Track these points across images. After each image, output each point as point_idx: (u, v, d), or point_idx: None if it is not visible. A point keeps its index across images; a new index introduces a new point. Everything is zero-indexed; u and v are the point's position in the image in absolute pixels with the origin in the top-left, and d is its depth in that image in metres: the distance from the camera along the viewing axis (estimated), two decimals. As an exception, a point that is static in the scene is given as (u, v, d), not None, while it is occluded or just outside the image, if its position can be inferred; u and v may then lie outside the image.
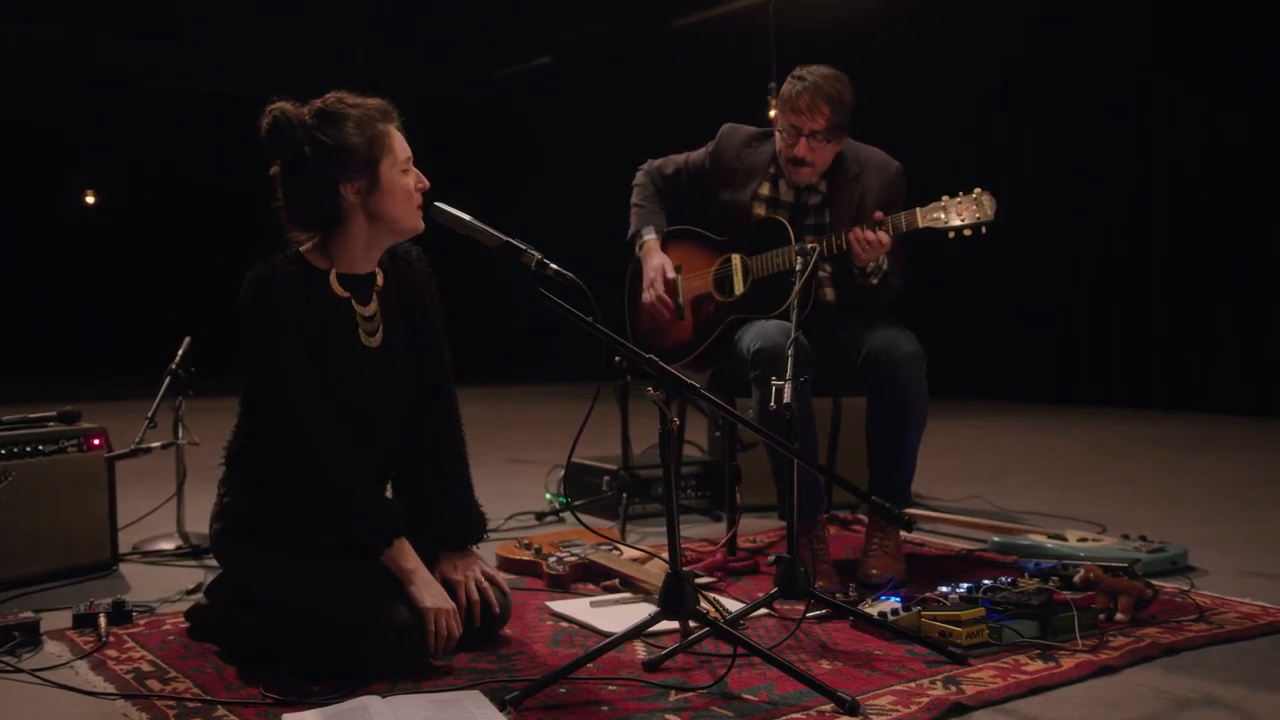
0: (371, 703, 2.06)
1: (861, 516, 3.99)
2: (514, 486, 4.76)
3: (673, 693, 2.21)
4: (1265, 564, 3.29)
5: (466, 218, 2.37)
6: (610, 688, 2.24)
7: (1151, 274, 7.71)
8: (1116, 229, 7.85)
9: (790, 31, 6.45)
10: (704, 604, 2.34)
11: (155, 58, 10.50)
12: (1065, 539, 3.36)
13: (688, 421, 3.99)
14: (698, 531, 3.83)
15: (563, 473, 4.41)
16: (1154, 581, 2.82)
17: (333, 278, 2.47)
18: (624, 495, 3.93)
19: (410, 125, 2.54)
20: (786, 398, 2.51)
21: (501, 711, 2.06)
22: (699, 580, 3.00)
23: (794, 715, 2.09)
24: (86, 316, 11.77)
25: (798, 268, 2.89)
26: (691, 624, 2.41)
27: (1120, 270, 7.86)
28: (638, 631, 2.32)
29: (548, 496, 4.31)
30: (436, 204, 2.39)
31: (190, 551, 3.50)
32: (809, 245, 2.99)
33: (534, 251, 2.32)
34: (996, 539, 3.52)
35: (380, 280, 2.55)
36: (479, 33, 10.20)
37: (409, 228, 2.50)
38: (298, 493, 2.38)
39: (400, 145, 2.47)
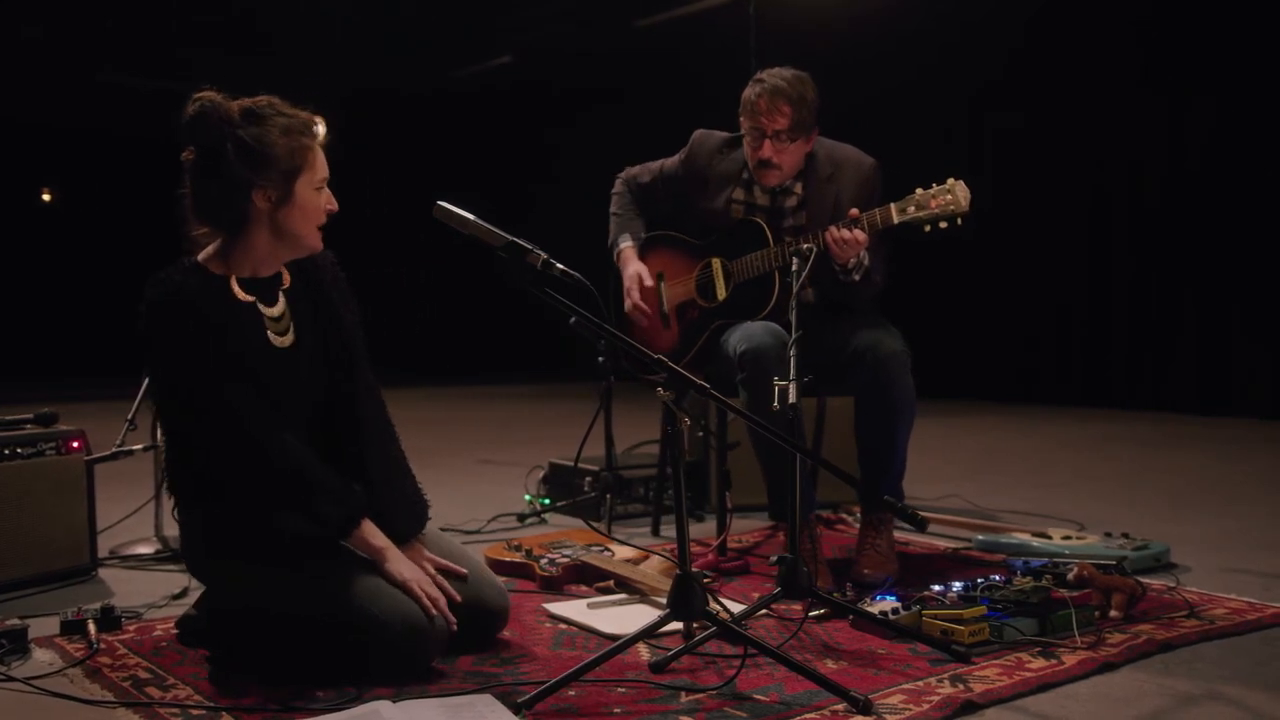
0: (383, 708, 2.04)
1: (845, 516, 4.01)
2: (490, 488, 4.73)
3: (683, 694, 2.21)
4: (1245, 560, 3.35)
5: (470, 217, 2.34)
6: (619, 689, 2.23)
7: (1112, 276, 7.83)
8: (1079, 233, 7.95)
9: (773, 33, 6.44)
10: (712, 604, 2.33)
11: (127, 53, 10.32)
12: (1050, 537, 3.40)
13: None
14: (682, 532, 3.82)
15: (543, 473, 4.41)
16: (1141, 579, 2.86)
17: (233, 282, 2.41)
18: (607, 496, 3.92)
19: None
20: (792, 398, 2.51)
21: (516, 715, 2.04)
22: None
23: (808, 715, 2.09)
24: (59, 317, 11.61)
25: (794, 268, 2.89)
26: (695, 624, 2.42)
27: (1084, 272, 7.97)
28: (649, 632, 2.31)
29: (527, 498, 4.28)
30: (440, 203, 2.35)
31: (170, 555, 3.44)
32: (804, 246, 3.00)
33: (540, 251, 2.30)
34: (981, 537, 3.55)
35: (286, 279, 2.51)
36: (444, 30, 10.11)
37: (309, 246, 2.47)
38: (256, 492, 2.33)
39: (321, 163, 2.43)
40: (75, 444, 3.23)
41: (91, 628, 2.58)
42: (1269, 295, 7.02)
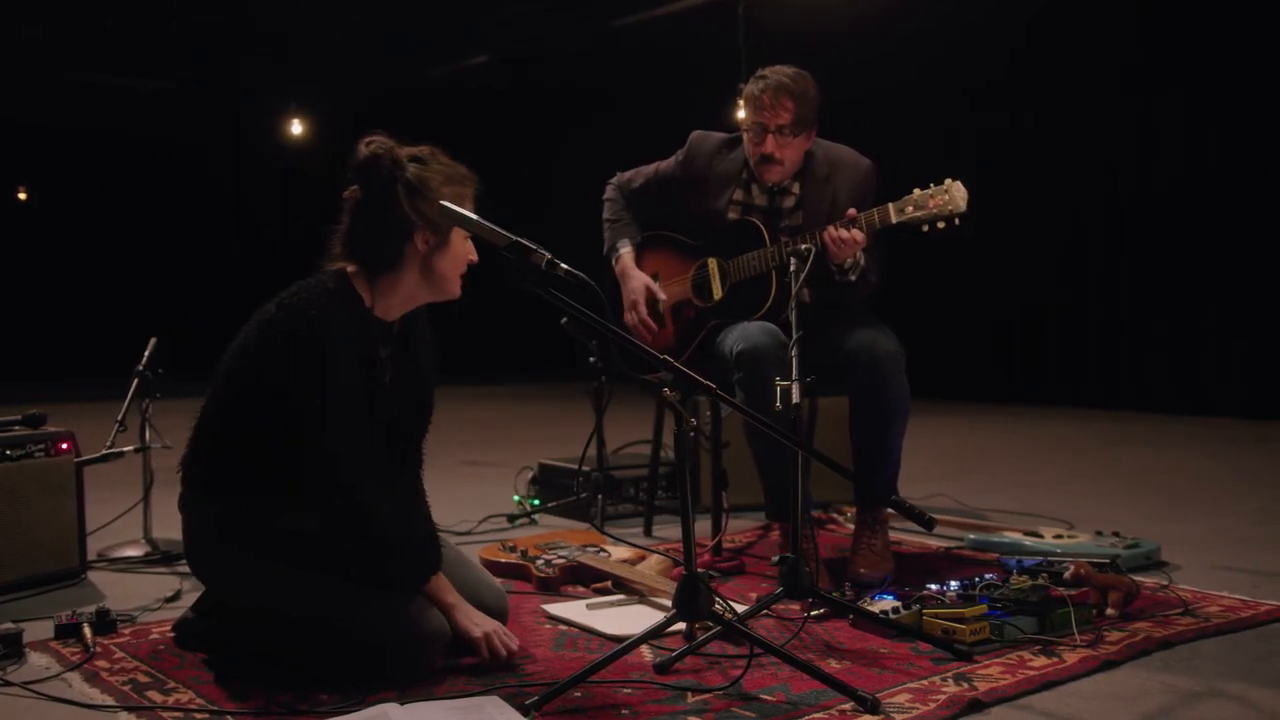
0: (392, 711, 2.02)
1: (835, 515, 4.02)
2: (479, 489, 4.71)
3: (689, 694, 2.20)
4: (1234, 558, 3.38)
5: (474, 216, 2.33)
6: (625, 690, 2.22)
7: (1088, 279, 7.90)
8: (1073, 232, 8.00)
9: (772, 33, 6.44)
10: (717, 605, 2.33)
11: (110, 52, 10.20)
12: (1042, 536, 3.42)
13: (659, 421, 3.97)
14: (675, 532, 3.82)
15: (532, 474, 4.41)
16: (1135, 577, 2.89)
17: (372, 317, 2.45)
18: (599, 496, 3.91)
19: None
20: (795, 398, 2.52)
21: (525, 716, 2.03)
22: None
23: (815, 715, 2.09)
24: (40, 316, 11.51)
25: (792, 268, 2.90)
26: (696, 625, 2.42)
27: (1063, 275, 8.03)
28: (656, 633, 2.31)
29: (516, 499, 4.26)
30: (442, 203, 2.35)
31: (160, 557, 3.41)
32: (803, 246, 3.01)
33: (543, 251, 2.29)
34: (972, 536, 3.57)
35: (397, 328, 2.55)
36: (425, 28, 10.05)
37: (450, 292, 2.52)
38: (340, 528, 2.32)
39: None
40: (64, 445, 3.19)
41: (87, 631, 2.55)
42: (1260, 295, 7.09)
